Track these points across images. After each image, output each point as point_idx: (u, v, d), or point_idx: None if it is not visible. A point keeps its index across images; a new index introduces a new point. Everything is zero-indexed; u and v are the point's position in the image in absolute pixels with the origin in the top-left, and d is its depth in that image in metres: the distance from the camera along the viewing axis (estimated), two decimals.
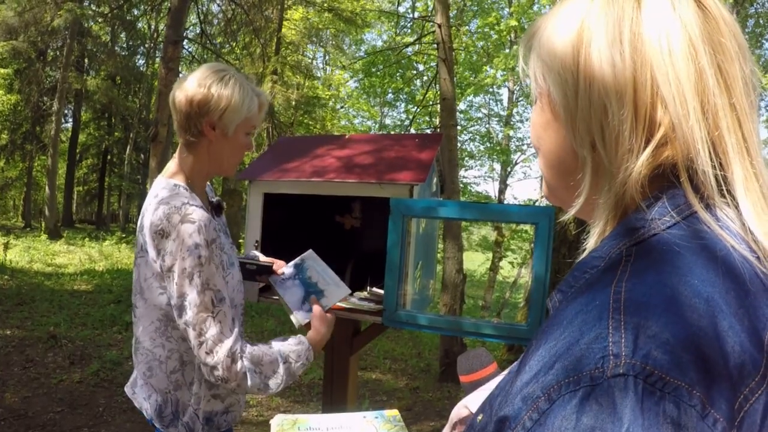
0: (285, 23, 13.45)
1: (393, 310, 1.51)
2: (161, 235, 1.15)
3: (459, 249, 5.26)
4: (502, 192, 14.93)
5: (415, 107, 11.16)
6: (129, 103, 19.75)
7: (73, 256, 11.27)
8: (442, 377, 5.06)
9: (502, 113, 14.70)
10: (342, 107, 17.48)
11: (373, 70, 11.93)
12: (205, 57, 14.20)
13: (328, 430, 1.05)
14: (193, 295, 1.13)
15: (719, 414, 0.35)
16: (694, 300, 0.38)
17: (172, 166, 1.30)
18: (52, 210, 15.17)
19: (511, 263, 11.07)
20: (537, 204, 8.07)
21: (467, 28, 11.94)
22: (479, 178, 34.29)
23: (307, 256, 1.50)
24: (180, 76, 4.55)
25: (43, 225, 15.54)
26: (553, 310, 0.49)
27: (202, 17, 12.45)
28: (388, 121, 16.46)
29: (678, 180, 0.46)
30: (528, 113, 13.96)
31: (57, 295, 6.76)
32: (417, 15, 11.36)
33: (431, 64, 11.06)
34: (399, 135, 2.54)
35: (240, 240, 5.73)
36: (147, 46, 19.07)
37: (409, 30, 11.58)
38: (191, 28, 15.29)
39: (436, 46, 5.72)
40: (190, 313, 1.13)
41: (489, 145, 14.56)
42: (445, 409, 4.15)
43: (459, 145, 11.78)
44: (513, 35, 10.48)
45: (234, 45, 13.36)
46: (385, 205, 1.50)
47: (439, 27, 5.37)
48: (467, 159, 14.35)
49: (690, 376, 0.35)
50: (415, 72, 12.75)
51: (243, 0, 11.57)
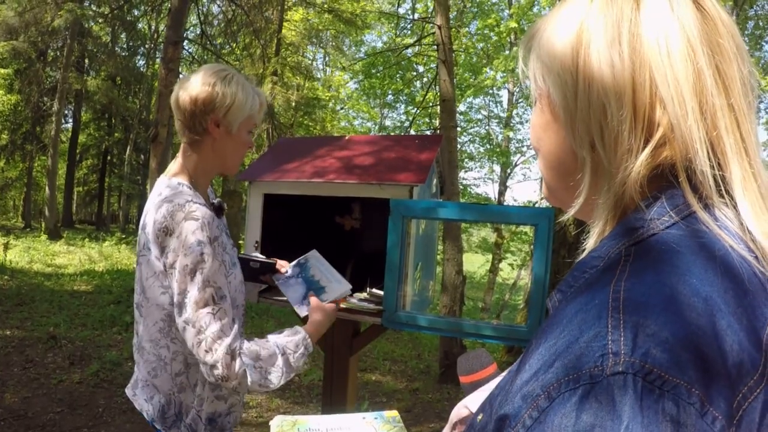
0: (285, 24, 13.47)
1: (393, 311, 1.51)
2: (165, 233, 1.15)
3: (459, 250, 5.26)
4: (501, 194, 14.94)
5: (415, 108, 11.16)
6: (129, 104, 19.74)
7: (73, 256, 11.27)
8: (441, 379, 5.06)
9: (501, 115, 14.71)
10: (342, 108, 17.50)
11: (373, 71, 11.96)
12: (206, 58, 14.21)
13: (327, 431, 1.05)
14: (194, 292, 1.13)
15: (718, 412, 0.35)
16: (692, 299, 0.38)
17: (174, 166, 1.31)
18: (52, 210, 15.17)
19: (511, 265, 11.09)
20: (537, 205, 8.06)
21: (467, 29, 11.96)
22: (479, 179, 34.23)
23: (311, 255, 1.51)
24: (180, 76, 4.56)
25: (43, 225, 15.54)
26: (553, 309, 0.49)
27: (202, 18, 12.47)
28: (388, 123, 16.48)
29: (677, 180, 0.46)
30: (528, 115, 13.98)
31: (57, 296, 6.75)
32: (417, 16, 11.39)
33: (431, 65, 11.09)
34: (399, 136, 2.54)
35: (240, 241, 5.73)
36: (147, 46, 19.07)
37: (409, 31, 11.58)
38: (191, 28, 15.32)
39: (435, 47, 5.73)
40: (189, 310, 1.13)
41: (489, 147, 14.58)
42: (445, 411, 4.14)
43: (459, 147, 11.80)
44: (513, 37, 10.50)
45: (234, 46, 13.39)
46: (385, 206, 1.50)
47: (439, 28, 5.37)
48: (467, 160, 14.37)
49: (689, 374, 0.35)
50: (415, 73, 12.77)
51: (243, 1, 11.59)
